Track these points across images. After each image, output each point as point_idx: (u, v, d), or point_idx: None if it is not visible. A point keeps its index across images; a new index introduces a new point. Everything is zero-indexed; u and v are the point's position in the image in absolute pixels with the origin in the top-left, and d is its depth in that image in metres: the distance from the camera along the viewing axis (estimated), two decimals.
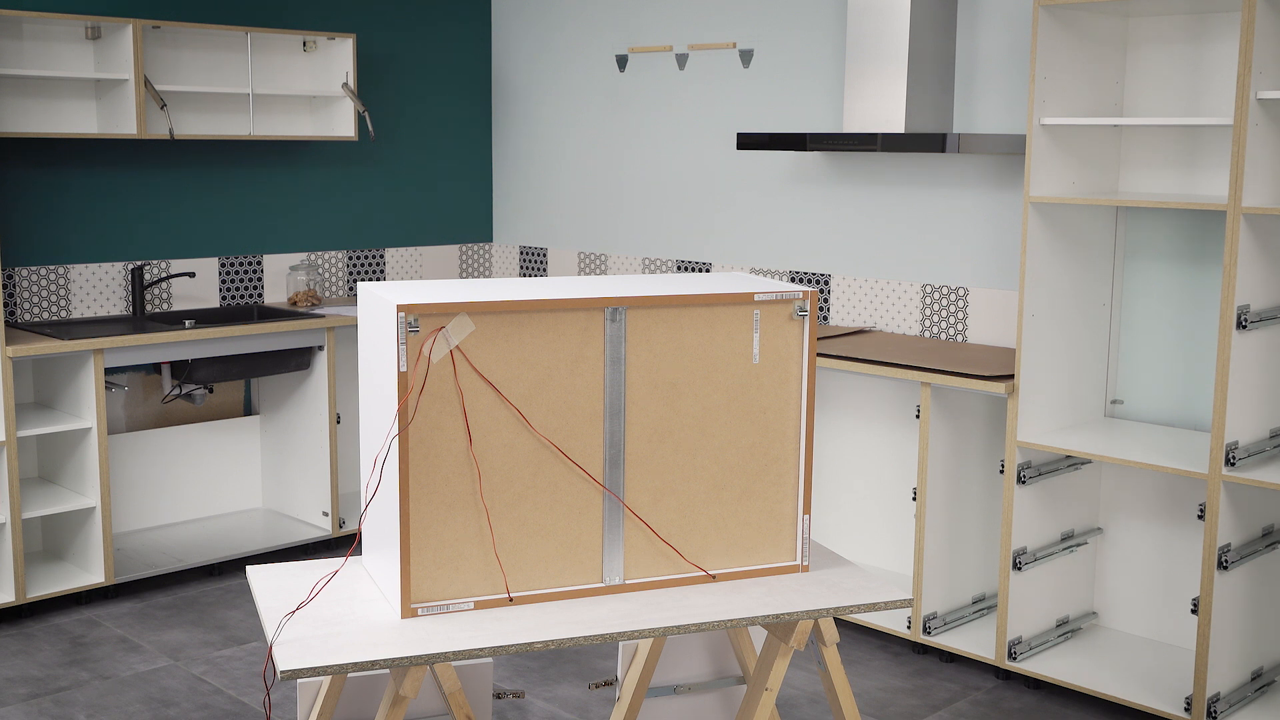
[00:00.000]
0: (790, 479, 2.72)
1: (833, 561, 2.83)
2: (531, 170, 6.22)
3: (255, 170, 5.60)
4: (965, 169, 4.64)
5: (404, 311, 2.37)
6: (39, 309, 5.05)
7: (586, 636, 2.44)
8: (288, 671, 2.27)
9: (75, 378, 4.72)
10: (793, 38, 5.12)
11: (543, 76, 6.10)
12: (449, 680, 2.55)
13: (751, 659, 3.09)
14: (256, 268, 5.64)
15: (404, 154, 6.06)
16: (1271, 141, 3.62)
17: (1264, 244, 3.66)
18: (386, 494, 2.49)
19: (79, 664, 4.27)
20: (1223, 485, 3.65)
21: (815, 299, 2.67)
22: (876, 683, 4.19)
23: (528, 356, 2.49)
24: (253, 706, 3.98)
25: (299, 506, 5.50)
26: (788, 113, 5.16)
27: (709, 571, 2.68)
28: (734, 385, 2.64)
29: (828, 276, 5.07)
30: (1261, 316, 3.67)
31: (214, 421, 5.54)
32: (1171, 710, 3.79)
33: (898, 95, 4.49)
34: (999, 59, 4.53)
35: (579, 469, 2.55)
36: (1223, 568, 3.68)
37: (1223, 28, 3.97)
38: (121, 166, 5.22)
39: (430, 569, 2.47)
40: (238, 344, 5.02)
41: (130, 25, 4.84)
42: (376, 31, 5.88)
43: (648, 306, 2.56)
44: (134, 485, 5.32)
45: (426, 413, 2.42)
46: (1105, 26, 4.08)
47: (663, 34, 5.58)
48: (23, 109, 4.87)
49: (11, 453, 4.49)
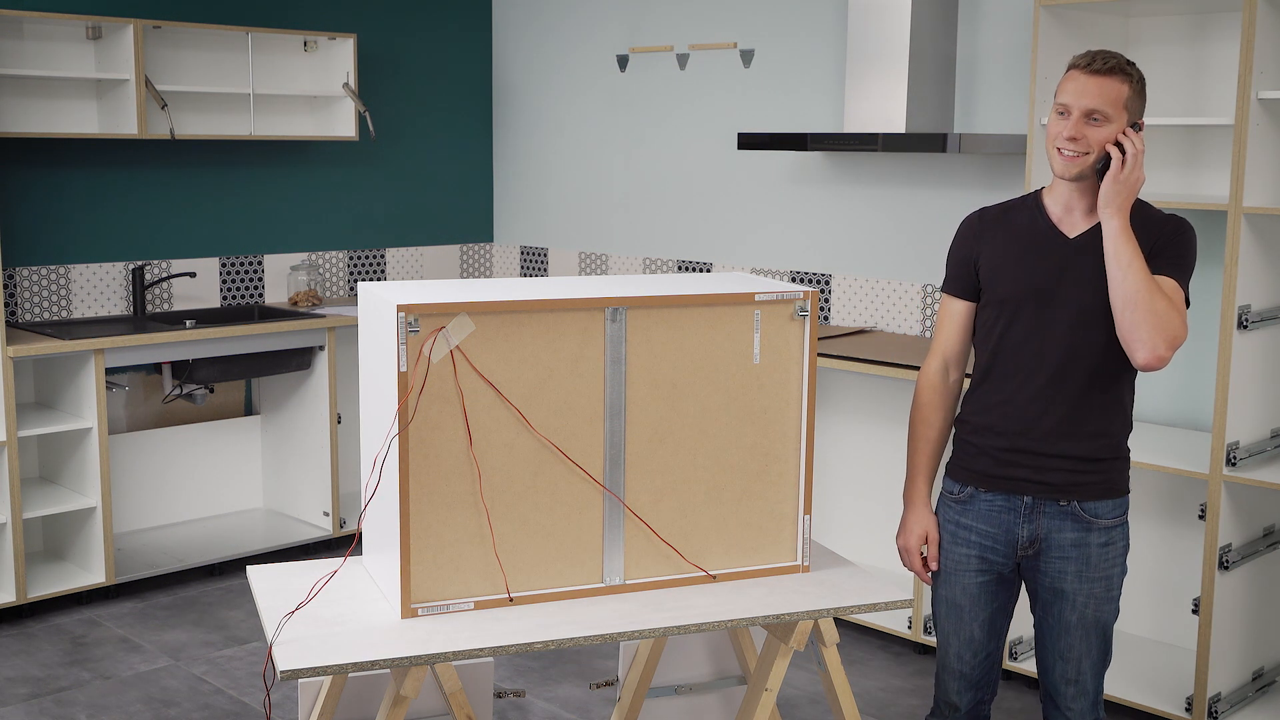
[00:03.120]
0: (791, 479, 2.72)
1: (833, 561, 2.83)
2: (532, 170, 6.22)
3: (256, 170, 5.60)
4: (965, 169, 4.64)
5: (404, 311, 2.37)
6: (40, 309, 5.05)
7: (587, 636, 2.44)
8: (288, 671, 2.27)
9: (76, 378, 4.72)
10: (794, 38, 5.12)
11: (543, 76, 6.10)
12: (450, 680, 2.54)
13: (752, 659, 3.09)
14: (257, 268, 5.64)
15: (405, 154, 6.06)
16: (1272, 141, 3.62)
17: (1265, 244, 3.66)
18: (386, 494, 2.49)
19: (80, 664, 4.27)
20: (1224, 485, 3.64)
21: (816, 299, 2.67)
22: (877, 683, 4.19)
23: (528, 356, 2.49)
24: (253, 706, 3.98)
25: (299, 506, 5.50)
26: (788, 113, 5.16)
27: (709, 572, 2.68)
28: (734, 385, 2.64)
29: (828, 276, 5.07)
30: (1262, 316, 3.67)
31: (215, 421, 5.54)
32: (1172, 710, 3.79)
33: (898, 95, 4.48)
34: (999, 59, 4.53)
35: (579, 469, 2.55)
36: (1223, 568, 3.67)
37: (1223, 28, 3.97)
38: (122, 166, 5.22)
39: (430, 569, 2.47)
40: (238, 344, 5.02)
41: (131, 25, 4.84)
42: (377, 31, 5.88)
43: (648, 306, 2.55)
44: (135, 485, 5.32)
45: (426, 413, 2.42)
46: (1106, 26, 4.07)
47: (663, 34, 5.58)
48: (23, 109, 4.87)
49: (12, 453, 4.50)
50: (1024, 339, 2.67)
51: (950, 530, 2.80)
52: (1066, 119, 2.59)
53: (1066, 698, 2.76)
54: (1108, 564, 2.70)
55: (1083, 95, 2.57)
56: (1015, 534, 2.72)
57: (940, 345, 2.82)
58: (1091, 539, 2.68)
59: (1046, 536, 2.70)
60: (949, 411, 2.84)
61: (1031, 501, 2.70)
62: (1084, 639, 2.72)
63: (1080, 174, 2.61)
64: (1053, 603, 2.73)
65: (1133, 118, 2.60)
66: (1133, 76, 2.59)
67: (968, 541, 2.77)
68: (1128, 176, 2.55)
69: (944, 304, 2.83)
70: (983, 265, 2.74)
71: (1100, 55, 2.59)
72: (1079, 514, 2.67)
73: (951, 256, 2.82)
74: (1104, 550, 2.69)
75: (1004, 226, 2.75)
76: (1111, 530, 2.69)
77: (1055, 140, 2.61)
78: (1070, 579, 2.69)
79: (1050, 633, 2.75)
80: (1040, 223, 2.70)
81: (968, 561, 2.77)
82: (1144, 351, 2.53)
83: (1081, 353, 2.63)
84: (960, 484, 2.78)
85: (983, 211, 2.82)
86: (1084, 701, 2.76)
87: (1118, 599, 2.73)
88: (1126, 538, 2.73)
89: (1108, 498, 2.69)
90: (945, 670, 2.87)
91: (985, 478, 2.74)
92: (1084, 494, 2.67)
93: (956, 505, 2.79)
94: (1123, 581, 2.74)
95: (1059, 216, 2.69)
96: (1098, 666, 2.75)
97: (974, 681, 2.85)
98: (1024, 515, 2.70)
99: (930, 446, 2.83)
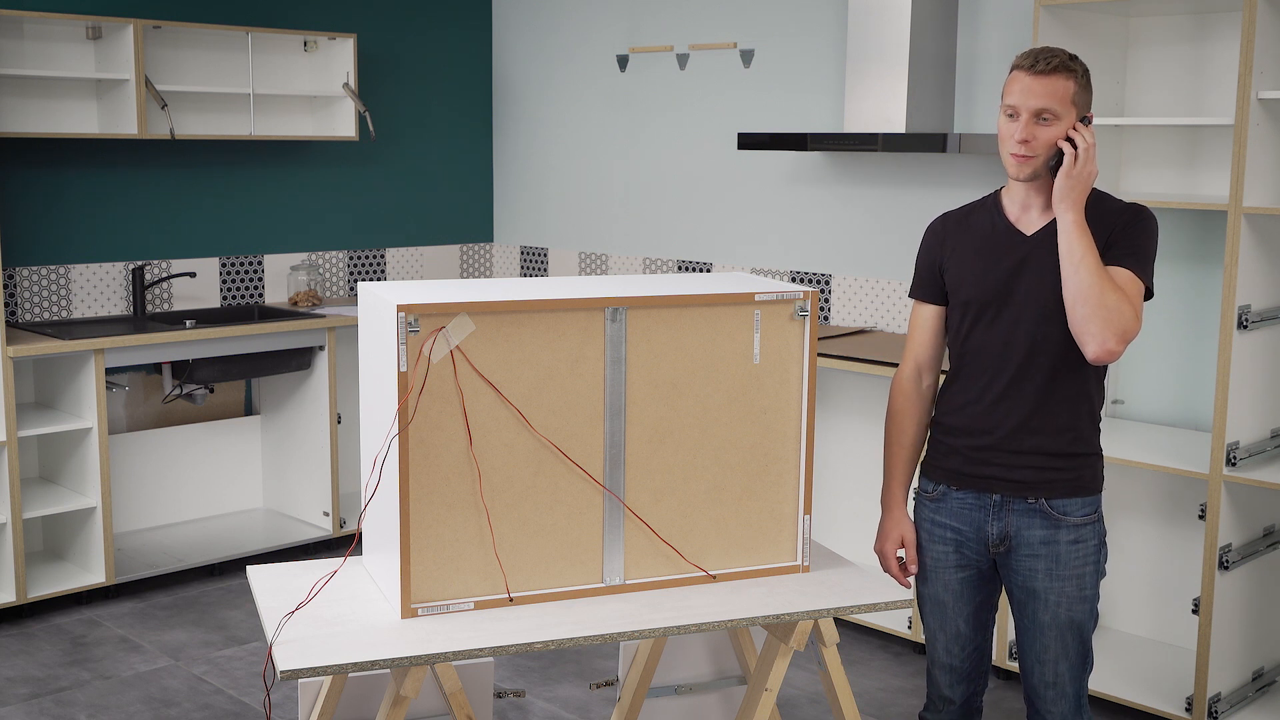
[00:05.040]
0: (791, 479, 2.72)
1: (833, 561, 2.83)
2: (532, 170, 6.22)
3: (256, 170, 5.60)
4: (965, 169, 4.64)
5: (404, 311, 2.37)
6: (40, 309, 5.05)
7: (587, 637, 2.44)
8: (288, 671, 2.27)
9: (76, 378, 4.72)
10: (794, 38, 5.12)
11: (543, 76, 6.10)
12: (450, 680, 2.54)
13: (752, 659, 3.09)
14: (257, 268, 5.64)
15: (405, 154, 6.06)
16: (1272, 141, 3.62)
17: (1265, 244, 3.66)
18: (386, 494, 2.49)
19: (80, 664, 4.27)
20: (1224, 485, 3.64)
21: (816, 299, 2.67)
22: (876, 683, 4.19)
23: (528, 356, 2.49)
24: (253, 706, 3.98)
25: (299, 506, 5.50)
26: (788, 113, 5.16)
27: (709, 572, 2.68)
28: (734, 385, 2.64)
29: (828, 276, 5.07)
30: (1262, 316, 3.67)
31: (215, 421, 5.54)
32: (1172, 710, 3.79)
33: (898, 95, 4.48)
34: (999, 59, 4.53)
35: (579, 469, 2.55)
36: (1223, 568, 3.67)
37: (1223, 28, 3.97)
38: (122, 166, 5.22)
39: (430, 569, 2.47)
40: (238, 344, 5.02)
41: (131, 25, 4.84)
42: (377, 31, 5.88)
43: (648, 306, 2.55)
44: (135, 485, 5.32)
45: (426, 413, 2.42)
46: (1106, 26, 4.07)
47: (663, 34, 5.58)
48: (23, 109, 4.87)
49: (12, 453, 4.49)
50: (988, 338, 2.70)
51: (927, 528, 2.83)
52: (1015, 120, 2.61)
53: (1047, 700, 2.77)
54: (1079, 562, 2.70)
55: (1029, 96, 2.58)
56: (986, 531, 2.74)
57: (912, 351, 2.85)
58: (1060, 536, 2.69)
59: (1016, 534, 2.71)
60: (923, 415, 2.86)
61: (1000, 499, 2.71)
62: (1059, 639, 2.73)
63: (1033, 174, 2.63)
64: (1026, 603, 2.74)
65: (1081, 112, 2.61)
66: (1077, 72, 2.60)
67: (944, 539, 2.79)
68: (1080, 171, 2.57)
69: (915, 310, 2.86)
70: (948, 270, 2.77)
71: (1043, 54, 2.59)
72: (1047, 511, 2.68)
73: (919, 262, 2.85)
74: (1074, 548, 2.69)
75: (965, 229, 2.78)
76: (1081, 529, 2.69)
77: (1006, 143, 2.64)
78: (1041, 577, 2.70)
79: (1027, 635, 2.77)
80: (998, 223, 2.72)
81: (946, 558, 2.80)
82: (1094, 345, 2.55)
83: (1043, 348, 2.65)
84: (934, 482, 2.81)
85: (945, 216, 2.85)
86: (1064, 705, 2.76)
87: (1092, 600, 2.73)
88: (1099, 537, 2.73)
89: (1076, 495, 2.69)
90: (935, 665, 2.89)
91: (957, 475, 2.76)
92: (1051, 491, 2.68)
93: (931, 504, 2.82)
94: (1097, 583, 2.74)
95: (1016, 215, 2.71)
96: (1076, 670, 2.75)
97: (965, 674, 2.87)
98: (993, 513, 2.72)
99: (905, 451, 2.86)
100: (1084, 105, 2.62)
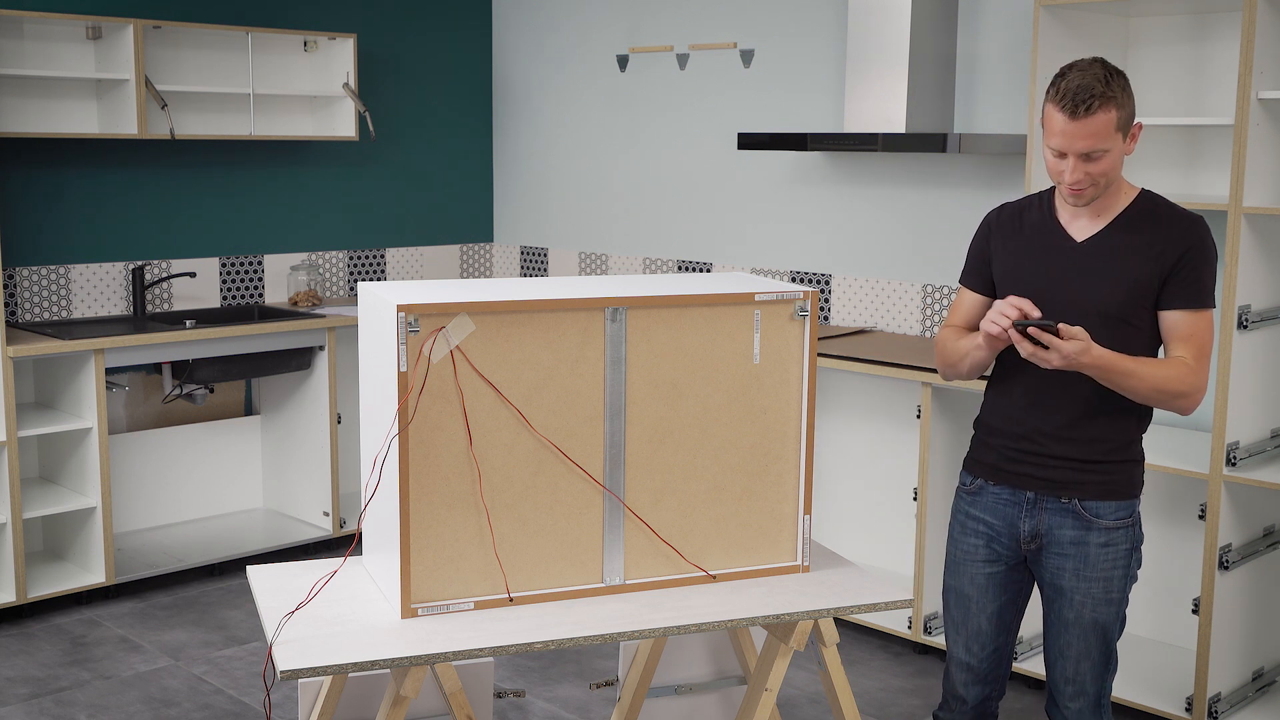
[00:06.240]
0: (791, 479, 2.72)
1: (833, 562, 2.83)
2: (532, 170, 6.22)
3: (256, 170, 5.60)
4: (965, 169, 4.64)
5: (404, 311, 2.37)
6: (40, 309, 5.05)
7: (587, 637, 2.44)
8: (288, 671, 2.27)
9: (76, 378, 4.72)
10: (794, 38, 5.12)
11: (543, 76, 6.10)
12: (450, 680, 2.54)
13: (752, 659, 3.09)
14: (257, 268, 5.64)
15: (405, 154, 6.06)
16: (1272, 141, 3.62)
17: (1265, 244, 3.66)
18: (386, 494, 2.49)
19: (80, 664, 4.27)
20: (1224, 485, 3.64)
21: (816, 299, 2.67)
22: (877, 683, 4.19)
23: (528, 356, 2.48)
24: (253, 706, 3.98)
25: (299, 506, 5.50)
26: (788, 113, 5.16)
27: (709, 572, 2.68)
28: (734, 385, 2.64)
29: (828, 276, 5.07)
30: (1262, 316, 3.67)
31: (215, 421, 5.54)
32: (1172, 710, 3.79)
33: (898, 95, 4.48)
34: (999, 59, 4.53)
35: (579, 469, 2.55)
36: (1223, 568, 3.67)
37: (1223, 28, 3.97)
38: (122, 166, 5.22)
39: (430, 569, 2.47)
40: (238, 344, 5.02)
41: (131, 25, 4.84)
42: (377, 31, 5.88)
43: (648, 306, 2.55)
44: (135, 485, 5.32)
45: (426, 413, 2.42)
46: (1106, 26, 4.07)
47: (663, 34, 5.58)
48: (23, 109, 4.87)
49: (12, 453, 4.49)
50: None
51: (961, 521, 2.86)
52: (1064, 160, 2.58)
53: (1065, 696, 2.80)
54: (1107, 565, 2.70)
55: (1074, 141, 2.54)
56: (1018, 527, 2.75)
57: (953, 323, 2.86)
58: (1091, 538, 2.69)
59: (1048, 532, 2.72)
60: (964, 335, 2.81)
61: (1034, 496, 2.73)
62: (1081, 638, 2.73)
63: (1091, 200, 2.62)
64: (1054, 599, 2.76)
65: (1127, 129, 2.58)
66: (1115, 97, 2.53)
67: (976, 532, 2.82)
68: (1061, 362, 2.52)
69: (960, 293, 2.87)
70: (995, 264, 2.78)
71: (1081, 96, 2.51)
72: (1079, 512, 2.69)
73: (971, 249, 2.87)
74: (1104, 550, 2.69)
75: (1018, 226, 2.77)
76: (1113, 532, 2.69)
77: (1058, 180, 2.61)
78: (1069, 576, 2.71)
79: (1052, 629, 2.80)
80: (1050, 224, 2.72)
81: (976, 551, 2.82)
82: (1178, 412, 2.63)
83: None
84: (972, 476, 2.85)
85: (1002, 208, 2.85)
86: (1082, 702, 2.77)
87: (1119, 604, 2.73)
88: (1132, 541, 2.72)
89: (1110, 498, 2.69)
90: (953, 662, 2.91)
91: (994, 471, 2.79)
92: (1085, 492, 2.69)
93: (968, 497, 2.85)
94: (1126, 587, 2.73)
95: (1068, 220, 2.71)
96: (1098, 670, 2.75)
97: (981, 675, 2.87)
98: (1026, 509, 2.74)
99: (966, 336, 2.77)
100: (1128, 121, 2.57)
